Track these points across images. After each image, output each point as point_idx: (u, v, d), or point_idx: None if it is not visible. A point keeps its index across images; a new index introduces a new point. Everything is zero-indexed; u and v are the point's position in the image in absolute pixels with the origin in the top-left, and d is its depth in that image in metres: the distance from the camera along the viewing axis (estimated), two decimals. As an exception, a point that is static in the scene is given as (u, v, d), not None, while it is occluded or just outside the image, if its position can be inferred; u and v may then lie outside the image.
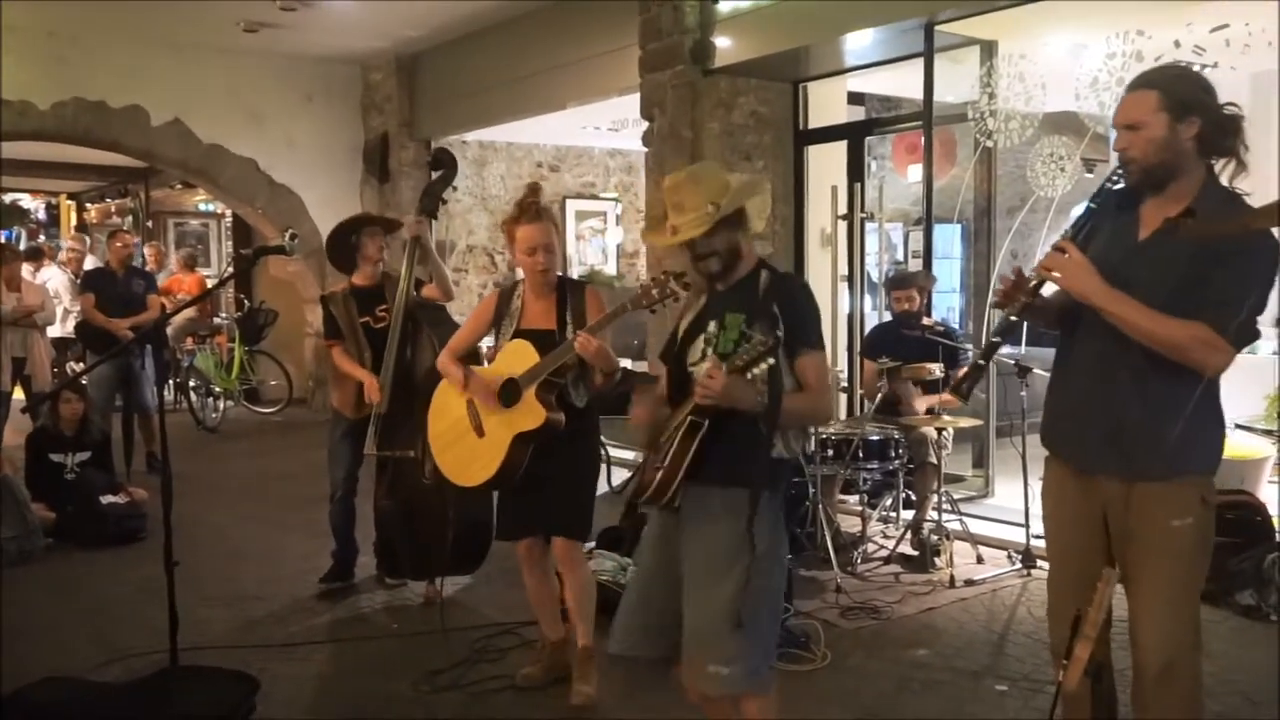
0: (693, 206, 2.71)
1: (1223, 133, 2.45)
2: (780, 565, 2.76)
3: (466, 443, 3.73)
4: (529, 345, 3.59)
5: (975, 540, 5.48)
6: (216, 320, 11.85)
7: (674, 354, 2.88)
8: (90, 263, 11.66)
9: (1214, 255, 2.35)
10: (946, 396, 5.49)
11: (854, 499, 6.02)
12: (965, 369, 2.62)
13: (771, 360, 2.47)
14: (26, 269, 9.20)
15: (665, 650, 2.79)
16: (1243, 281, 2.34)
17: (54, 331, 9.00)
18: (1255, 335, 2.44)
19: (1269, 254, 2.36)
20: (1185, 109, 2.41)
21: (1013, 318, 2.57)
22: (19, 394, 7.85)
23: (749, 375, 2.50)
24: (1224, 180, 2.50)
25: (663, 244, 2.82)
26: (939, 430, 5.41)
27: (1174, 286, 2.39)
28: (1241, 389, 5.59)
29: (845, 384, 6.96)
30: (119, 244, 8.12)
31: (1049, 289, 2.58)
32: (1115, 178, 2.49)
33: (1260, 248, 2.35)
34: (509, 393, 3.61)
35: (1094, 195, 2.54)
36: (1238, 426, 5.70)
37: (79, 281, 9.55)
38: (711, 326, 2.77)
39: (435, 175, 5.06)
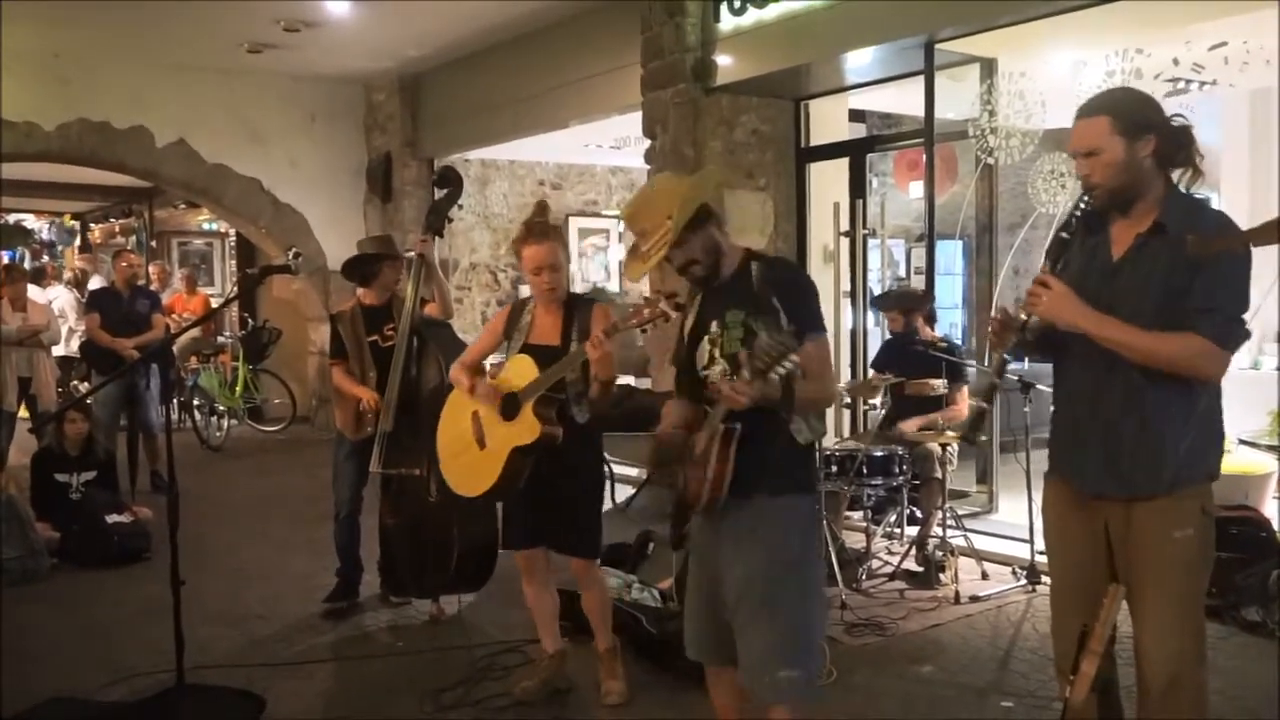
0: (653, 228, 2.72)
1: (1177, 145, 2.50)
2: (817, 565, 2.83)
3: (470, 454, 3.78)
4: (530, 360, 3.63)
5: (980, 556, 5.47)
6: (220, 339, 11.88)
7: (683, 358, 2.90)
8: (96, 282, 11.70)
9: (1190, 266, 2.38)
10: (945, 414, 5.51)
11: (858, 515, 6.02)
12: (970, 417, 2.64)
13: (795, 359, 2.46)
14: (33, 289, 9.22)
15: (726, 658, 2.82)
16: (1224, 285, 2.39)
17: (58, 350, 9.03)
18: (1246, 335, 2.46)
19: (1242, 254, 2.40)
20: (1138, 129, 2.45)
21: (1007, 356, 2.59)
22: (23, 413, 7.87)
23: (773, 376, 2.48)
24: (1183, 188, 2.55)
25: (638, 273, 2.82)
26: (943, 446, 5.42)
27: (1156, 302, 2.43)
28: (1244, 404, 5.59)
29: (848, 401, 6.97)
30: (124, 264, 8.14)
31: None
32: (1083, 204, 2.52)
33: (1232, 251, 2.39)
34: (509, 406, 3.65)
35: (1063, 224, 2.56)
36: (1241, 442, 5.70)
37: (84, 301, 9.58)
38: (714, 327, 2.80)
39: (441, 193, 5.08)
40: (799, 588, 2.71)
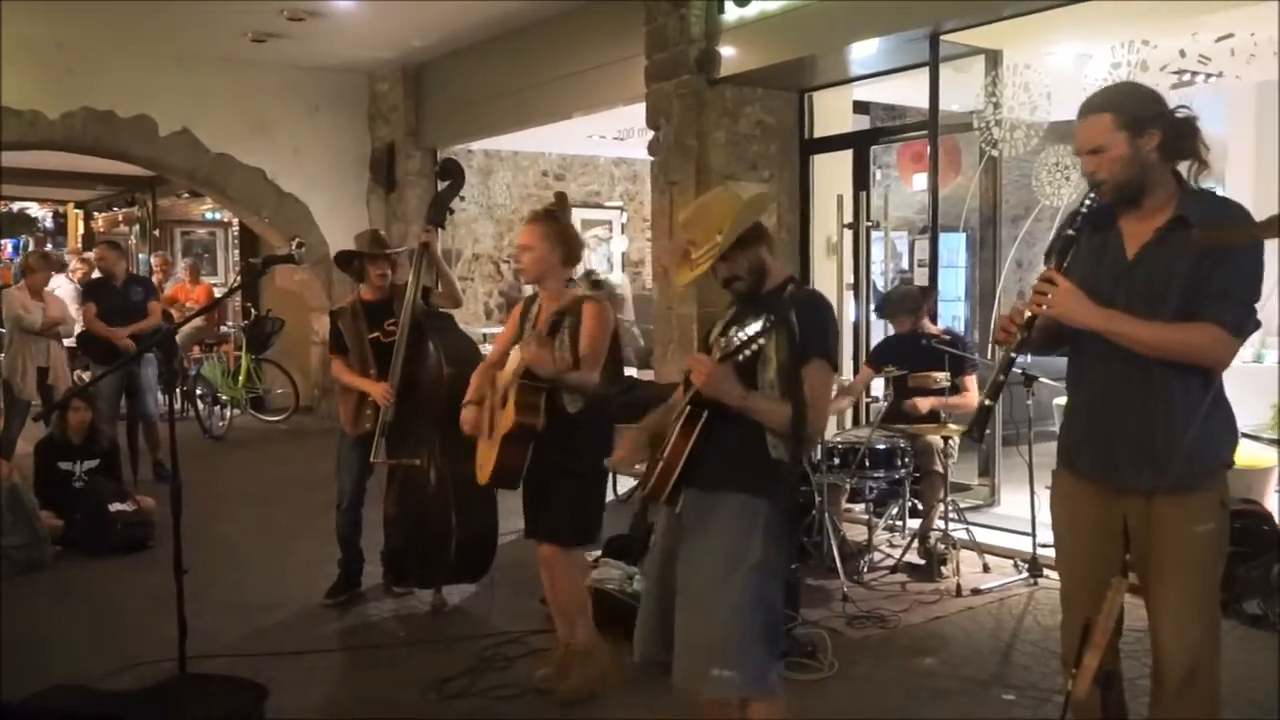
0: (703, 240, 2.78)
1: (1181, 137, 2.47)
2: (775, 570, 2.76)
3: (483, 443, 3.90)
4: None
5: (981, 549, 5.47)
6: (223, 329, 11.88)
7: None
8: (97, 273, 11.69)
9: (1214, 257, 2.37)
10: (953, 400, 5.48)
11: (860, 508, 6.02)
12: (975, 414, 2.62)
13: (759, 345, 2.52)
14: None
15: None
16: (1240, 272, 2.38)
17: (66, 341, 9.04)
18: (1256, 325, 2.45)
19: (1255, 243, 2.39)
20: (1142, 124, 2.43)
21: (1013, 354, 2.56)
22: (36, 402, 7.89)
23: (739, 359, 2.55)
24: (1190, 180, 2.52)
25: (684, 279, 2.87)
26: (945, 439, 5.41)
27: (1177, 295, 2.41)
28: (1246, 397, 5.58)
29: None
30: (98, 256, 8.19)
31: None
32: (1089, 200, 2.49)
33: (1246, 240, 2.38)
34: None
35: (1068, 221, 2.53)
36: (1244, 435, 5.69)
37: (79, 292, 9.60)
38: (733, 330, 2.81)
39: (443, 185, 5.08)
40: (744, 588, 2.66)
